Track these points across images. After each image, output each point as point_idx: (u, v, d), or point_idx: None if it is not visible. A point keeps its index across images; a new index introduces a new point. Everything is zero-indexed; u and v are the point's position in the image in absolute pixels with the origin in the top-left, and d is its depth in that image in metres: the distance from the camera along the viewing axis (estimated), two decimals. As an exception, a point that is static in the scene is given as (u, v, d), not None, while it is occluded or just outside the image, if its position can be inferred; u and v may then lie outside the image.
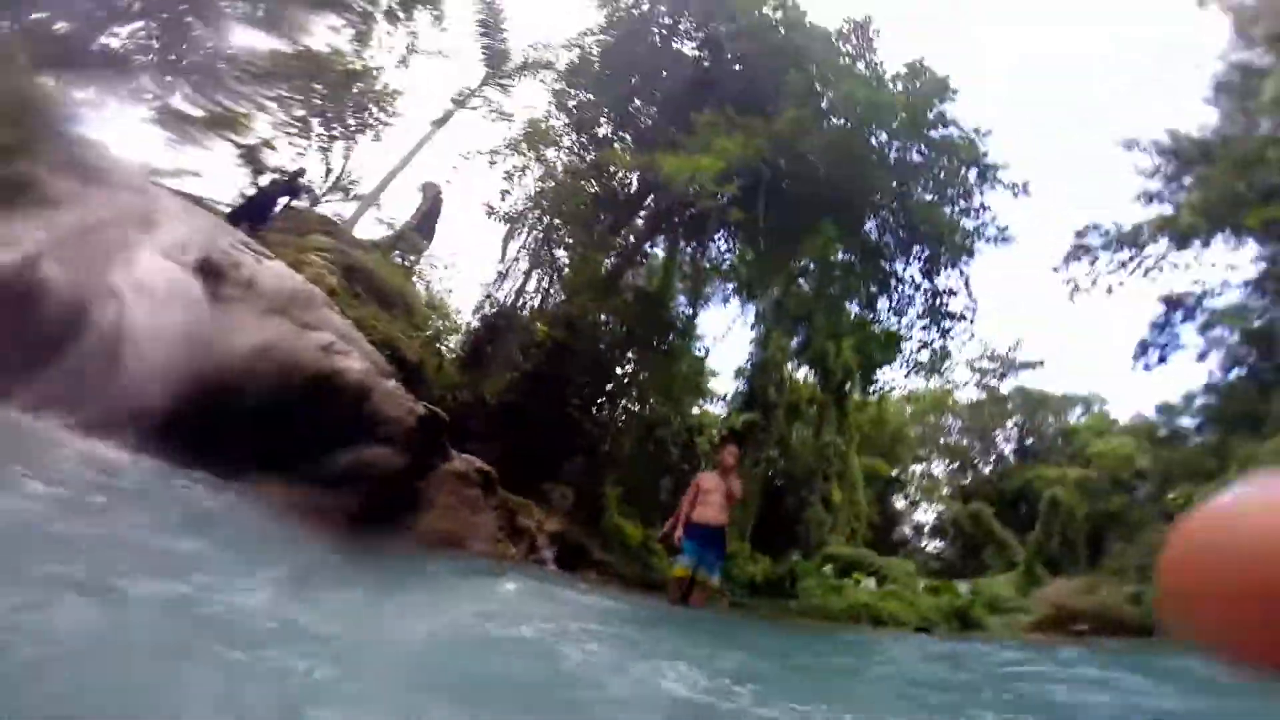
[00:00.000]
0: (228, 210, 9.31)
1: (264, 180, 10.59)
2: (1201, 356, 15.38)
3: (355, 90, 15.63)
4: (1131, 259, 14.99)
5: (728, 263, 13.64)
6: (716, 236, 12.59)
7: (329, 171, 16.61)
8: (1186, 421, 17.17)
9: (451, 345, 12.81)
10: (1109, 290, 15.07)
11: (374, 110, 16.20)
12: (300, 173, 12.47)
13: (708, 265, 13.52)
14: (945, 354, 11.03)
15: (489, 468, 7.11)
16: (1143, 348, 15.57)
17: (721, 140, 8.37)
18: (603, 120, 12.54)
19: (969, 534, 24.82)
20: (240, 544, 3.43)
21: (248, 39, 13.46)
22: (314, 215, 11.40)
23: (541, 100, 13.35)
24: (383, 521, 5.47)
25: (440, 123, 16.40)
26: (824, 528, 18.53)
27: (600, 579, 9.28)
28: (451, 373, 11.47)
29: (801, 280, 11.75)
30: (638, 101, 12.22)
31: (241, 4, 12.82)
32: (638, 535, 13.05)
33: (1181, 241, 14.49)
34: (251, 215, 9.24)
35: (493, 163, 11.80)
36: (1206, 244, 14.38)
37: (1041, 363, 31.01)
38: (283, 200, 10.57)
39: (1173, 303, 15.06)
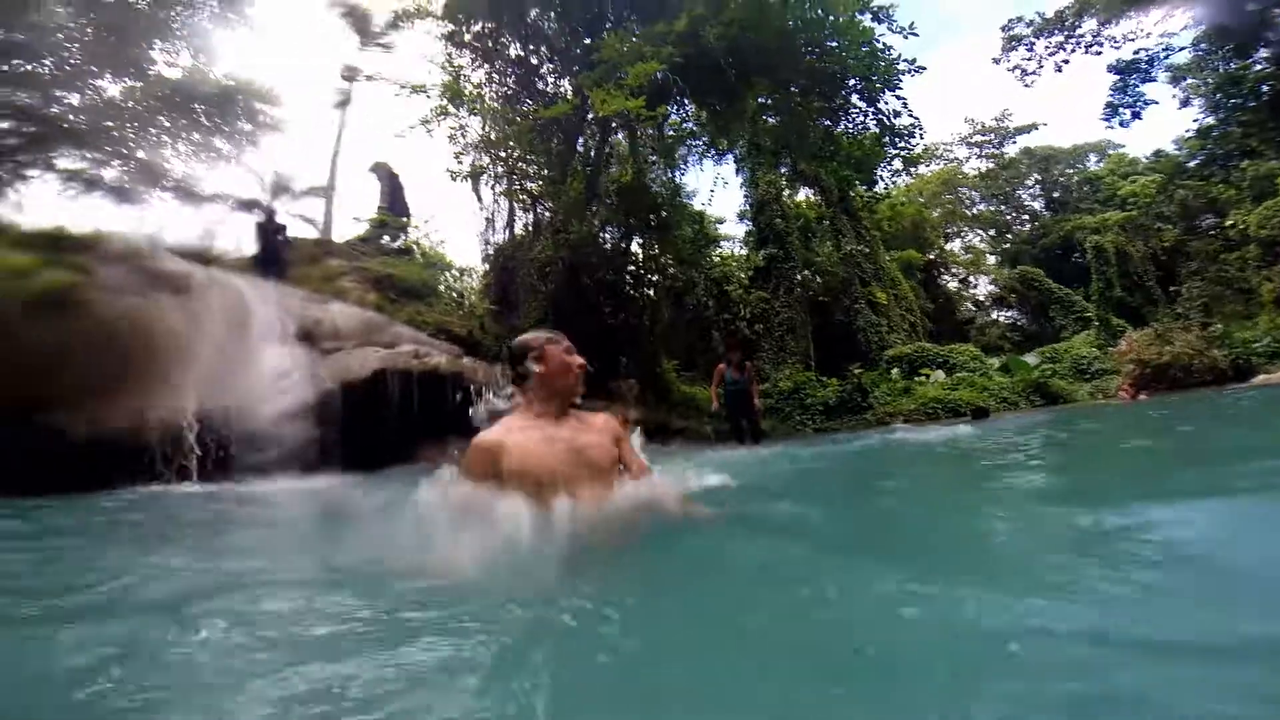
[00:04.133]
0: (252, 269, 10.99)
1: (254, 229, 12.03)
2: (1184, 104, 18.18)
3: (238, 99, 16.41)
4: (1067, 39, 17.20)
5: (689, 126, 14.70)
6: (670, 109, 13.63)
7: (262, 181, 18.05)
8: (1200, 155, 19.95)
9: (476, 296, 14.89)
10: (1057, 70, 17.54)
11: (265, 110, 16.98)
12: (272, 208, 14.04)
13: (670, 135, 14.62)
14: (914, 160, 12.91)
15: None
16: (1111, 110, 17.75)
17: (637, 67, 9.41)
18: (506, 42, 13.30)
19: (1026, 297, 25.88)
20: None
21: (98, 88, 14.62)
22: (307, 242, 13.10)
23: (435, 48, 14.00)
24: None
25: (343, 104, 17.25)
26: (880, 330, 20.28)
27: (685, 444, 11.70)
28: (492, 326, 13.60)
29: (766, 117, 12.88)
30: (535, 12, 12.87)
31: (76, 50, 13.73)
32: (705, 395, 15.51)
33: (1105, 20, 16.63)
34: (272, 266, 10.81)
35: (430, 132, 12.97)
36: (1146, 11, 16.37)
37: (1038, 124, 33.09)
38: (281, 240, 12.05)
39: (1122, 69, 17.25)
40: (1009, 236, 32.44)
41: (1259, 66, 15.43)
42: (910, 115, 11.71)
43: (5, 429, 5.41)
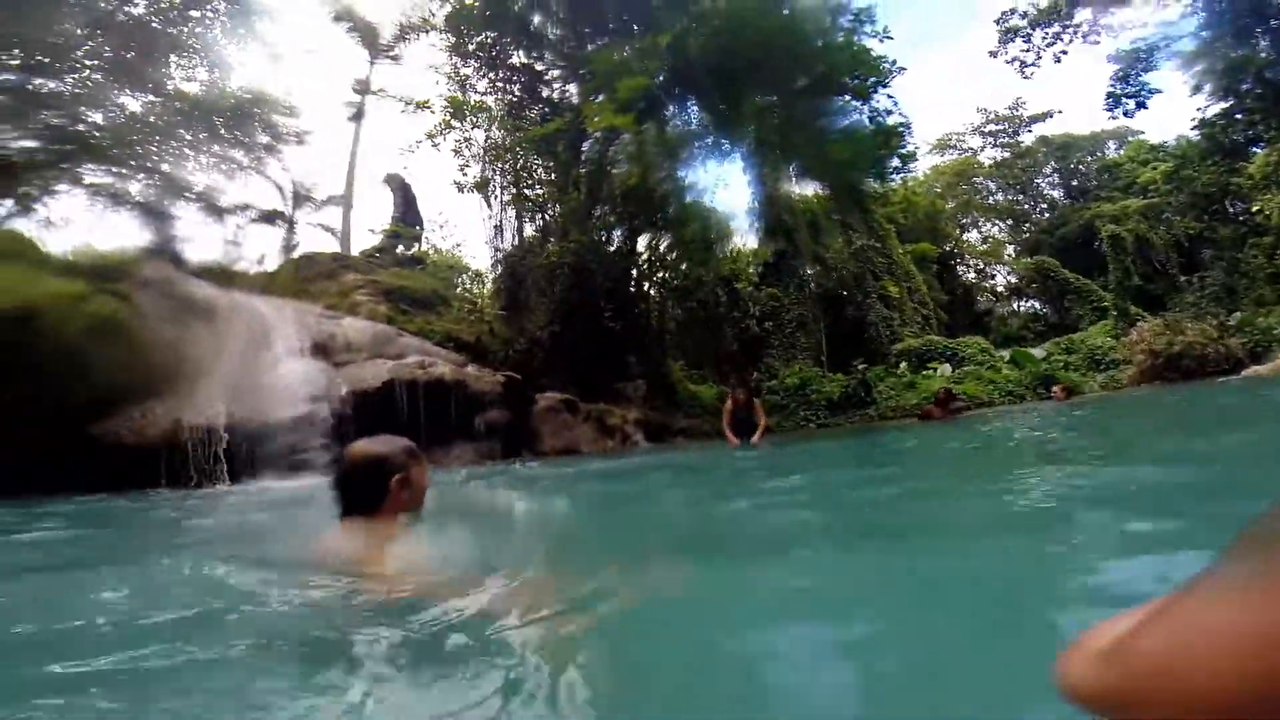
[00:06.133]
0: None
1: None
2: (1196, 90, 18.01)
3: (254, 111, 17.26)
4: (1064, 29, 17.63)
5: (694, 126, 15.25)
6: (670, 114, 14.20)
7: (282, 192, 19.05)
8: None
9: (486, 301, 15.67)
10: (1056, 60, 17.97)
11: (282, 121, 17.87)
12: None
13: (673, 135, 15.18)
14: (909, 157, 13.31)
15: (568, 395, 10.15)
16: (1114, 100, 17.79)
17: (625, 81, 10.08)
18: (511, 50, 14.06)
19: (1045, 287, 25.98)
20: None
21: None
22: (326, 256, 14.04)
23: (440, 58, 14.85)
24: (519, 451, 8.72)
25: (356, 117, 18.21)
26: (892, 324, 20.61)
27: (687, 442, 12.41)
28: (501, 330, 14.39)
29: (769, 115, 13.39)
30: (538, 19, 13.58)
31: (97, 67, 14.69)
32: (711, 394, 16.09)
33: (1102, 8, 17.10)
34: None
35: (436, 145, 13.80)
36: None
37: (1053, 112, 33.06)
38: None
39: (1122, 58, 17.47)
40: (1028, 226, 32.40)
41: (1263, 54, 15.38)
42: (900, 115, 12.19)
43: (67, 437, 6.35)
